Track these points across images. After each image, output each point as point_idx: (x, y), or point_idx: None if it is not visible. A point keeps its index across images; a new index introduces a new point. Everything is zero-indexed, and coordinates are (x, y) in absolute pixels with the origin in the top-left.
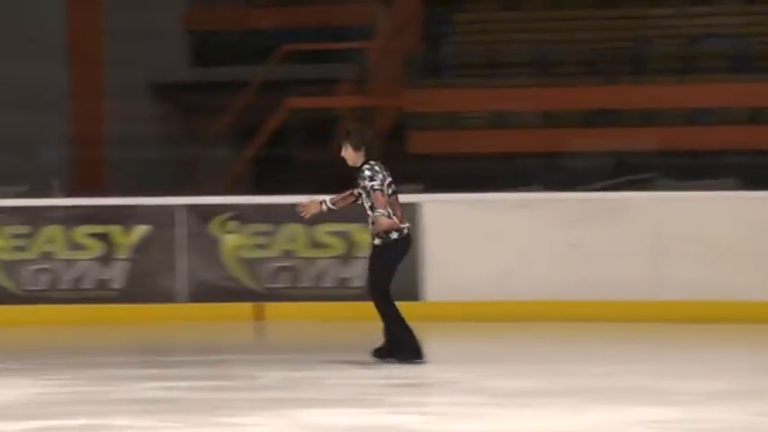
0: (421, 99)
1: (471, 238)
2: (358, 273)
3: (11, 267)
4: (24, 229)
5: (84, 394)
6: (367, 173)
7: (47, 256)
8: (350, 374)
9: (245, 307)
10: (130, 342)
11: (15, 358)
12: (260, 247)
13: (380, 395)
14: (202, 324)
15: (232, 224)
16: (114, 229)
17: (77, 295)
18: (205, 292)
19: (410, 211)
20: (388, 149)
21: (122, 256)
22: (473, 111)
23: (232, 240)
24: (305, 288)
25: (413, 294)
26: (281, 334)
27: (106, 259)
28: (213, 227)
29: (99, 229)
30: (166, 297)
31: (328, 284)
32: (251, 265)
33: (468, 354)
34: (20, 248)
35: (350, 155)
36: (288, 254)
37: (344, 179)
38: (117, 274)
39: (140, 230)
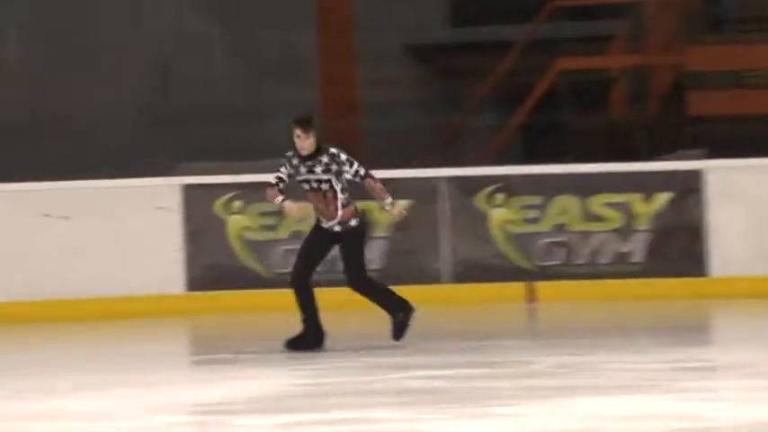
0: (702, 56)
1: (759, 206)
2: (637, 248)
3: (260, 249)
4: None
5: (338, 385)
6: (344, 156)
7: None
8: (628, 359)
9: (516, 287)
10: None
11: (269, 346)
12: (530, 221)
13: (662, 380)
14: (468, 307)
15: (500, 197)
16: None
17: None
18: (470, 272)
19: (691, 179)
20: (665, 111)
21: (383, 235)
22: (760, 68)
23: (500, 215)
24: (579, 265)
25: (698, 270)
26: (555, 316)
27: None
28: (479, 200)
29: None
30: (429, 277)
31: (605, 261)
32: (521, 241)
33: (758, 334)
34: (268, 228)
35: (311, 143)
36: (560, 228)
37: (617, 146)
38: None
39: (399, 206)
